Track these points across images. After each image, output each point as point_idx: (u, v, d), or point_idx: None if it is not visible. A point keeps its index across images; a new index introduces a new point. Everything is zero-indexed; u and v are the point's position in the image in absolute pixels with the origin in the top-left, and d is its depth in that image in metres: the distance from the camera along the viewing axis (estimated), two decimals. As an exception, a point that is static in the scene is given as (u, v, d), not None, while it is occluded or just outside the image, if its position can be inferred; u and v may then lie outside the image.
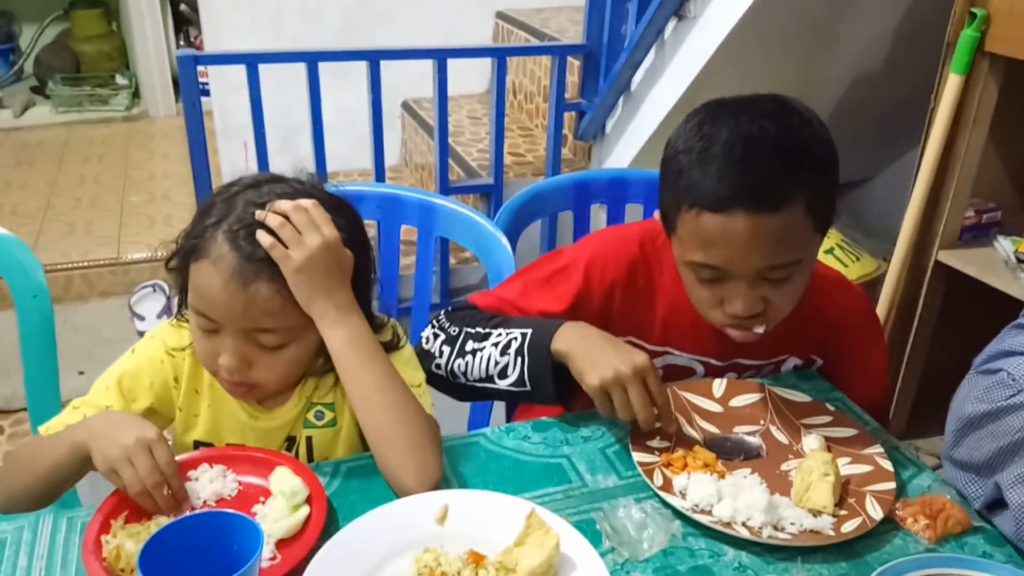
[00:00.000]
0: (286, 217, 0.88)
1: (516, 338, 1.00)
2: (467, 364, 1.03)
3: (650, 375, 0.93)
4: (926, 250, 1.68)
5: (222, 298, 0.87)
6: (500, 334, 1.02)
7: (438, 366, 1.06)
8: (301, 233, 0.88)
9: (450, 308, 1.13)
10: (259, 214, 0.88)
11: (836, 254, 2.09)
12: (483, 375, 1.02)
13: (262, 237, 0.87)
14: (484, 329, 1.04)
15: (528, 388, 1.00)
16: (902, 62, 1.94)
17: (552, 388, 0.98)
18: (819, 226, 0.94)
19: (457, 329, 1.06)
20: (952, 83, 1.53)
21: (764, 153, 0.90)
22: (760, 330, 0.98)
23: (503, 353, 1.00)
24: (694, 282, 0.97)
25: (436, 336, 1.08)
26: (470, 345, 1.03)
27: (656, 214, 1.04)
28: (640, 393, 0.92)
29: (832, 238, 2.13)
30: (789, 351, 1.13)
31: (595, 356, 0.94)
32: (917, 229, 1.66)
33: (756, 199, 0.88)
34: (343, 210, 0.95)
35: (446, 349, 1.06)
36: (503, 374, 1.00)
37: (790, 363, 1.14)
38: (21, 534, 0.83)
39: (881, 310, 1.74)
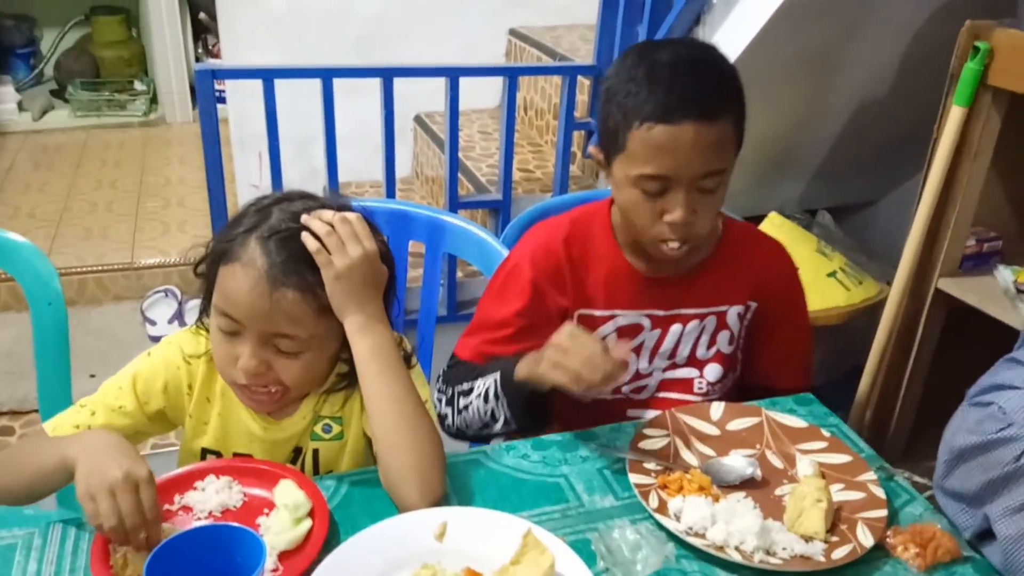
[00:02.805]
0: (331, 226, 0.92)
1: (490, 385, 1.08)
2: (464, 420, 1.13)
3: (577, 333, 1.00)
4: (926, 277, 1.68)
5: (249, 299, 0.89)
6: (479, 384, 1.10)
7: (448, 426, 1.15)
8: (344, 243, 0.91)
9: (447, 367, 1.21)
10: (304, 218, 0.92)
11: (839, 277, 2.04)
12: (480, 425, 1.11)
13: (308, 241, 0.91)
14: (468, 384, 1.12)
15: (514, 426, 1.08)
16: (906, 91, 1.95)
17: (527, 417, 1.06)
18: (738, 144, 1.07)
19: (451, 390, 1.15)
20: (955, 115, 1.54)
21: (705, 70, 1.05)
22: (687, 246, 1.07)
23: (486, 401, 1.08)
24: (638, 199, 1.06)
25: (440, 400, 1.17)
26: (462, 402, 1.13)
27: (592, 148, 1.16)
28: (585, 340, 0.99)
29: (835, 261, 2.09)
30: (726, 300, 1.19)
31: (548, 355, 0.99)
32: (918, 256, 1.66)
33: (701, 110, 1.00)
34: (374, 230, 0.99)
35: (448, 411, 1.15)
36: (494, 418, 1.09)
37: (733, 312, 1.19)
38: (32, 539, 0.85)
39: (880, 335, 1.75)
